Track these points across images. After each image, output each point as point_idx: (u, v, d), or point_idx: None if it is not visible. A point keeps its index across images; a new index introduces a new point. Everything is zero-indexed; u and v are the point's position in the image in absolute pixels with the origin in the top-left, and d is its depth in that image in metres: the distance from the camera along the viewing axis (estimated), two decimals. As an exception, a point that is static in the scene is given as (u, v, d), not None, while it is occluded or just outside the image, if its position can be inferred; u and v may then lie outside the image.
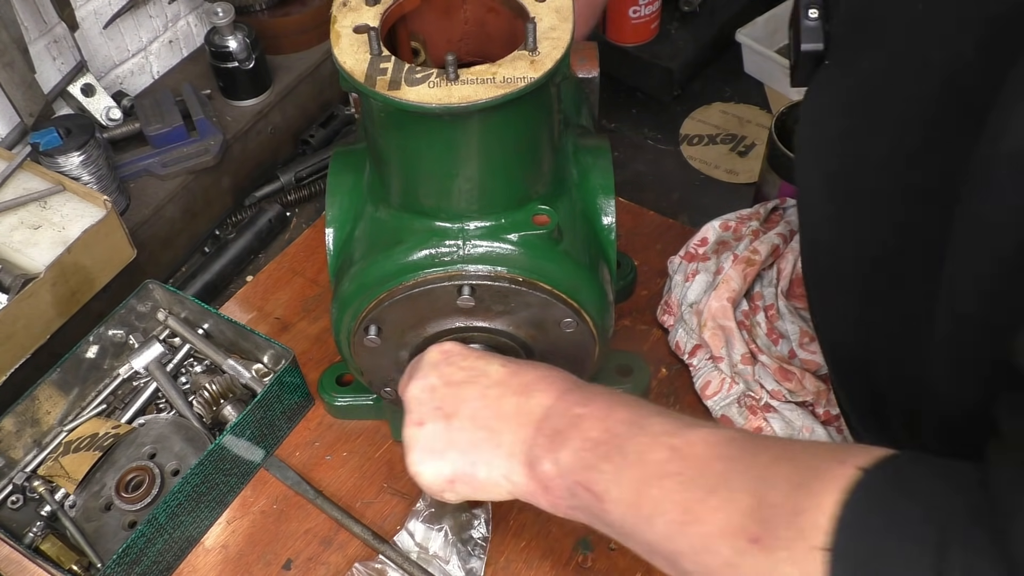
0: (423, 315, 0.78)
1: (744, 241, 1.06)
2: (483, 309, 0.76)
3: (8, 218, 1.04)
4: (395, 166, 0.74)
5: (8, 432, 0.96)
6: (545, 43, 0.65)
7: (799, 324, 1.01)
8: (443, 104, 0.63)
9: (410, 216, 0.76)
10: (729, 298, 1.02)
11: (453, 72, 0.63)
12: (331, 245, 0.83)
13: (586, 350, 0.81)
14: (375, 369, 0.84)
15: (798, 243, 1.06)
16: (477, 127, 0.67)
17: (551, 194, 0.77)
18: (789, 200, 1.12)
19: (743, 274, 1.03)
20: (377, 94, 0.64)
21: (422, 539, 0.91)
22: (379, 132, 0.72)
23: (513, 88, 0.63)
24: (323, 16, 1.40)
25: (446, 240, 0.74)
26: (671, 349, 1.07)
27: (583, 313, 0.77)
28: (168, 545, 0.90)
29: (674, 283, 1.09)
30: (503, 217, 0.74)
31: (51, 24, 1.17)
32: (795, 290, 1.05)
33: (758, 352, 1.00)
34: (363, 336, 0.78)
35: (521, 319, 0.78)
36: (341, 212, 0.82)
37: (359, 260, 0.79)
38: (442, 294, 0.75)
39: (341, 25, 0.69)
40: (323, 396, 1.03)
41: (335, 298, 0.82)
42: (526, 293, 0.75)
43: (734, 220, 1.11)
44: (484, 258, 0.74)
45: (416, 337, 0.80)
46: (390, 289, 0.76)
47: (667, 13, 1.47)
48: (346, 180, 0.82)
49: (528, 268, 0.74)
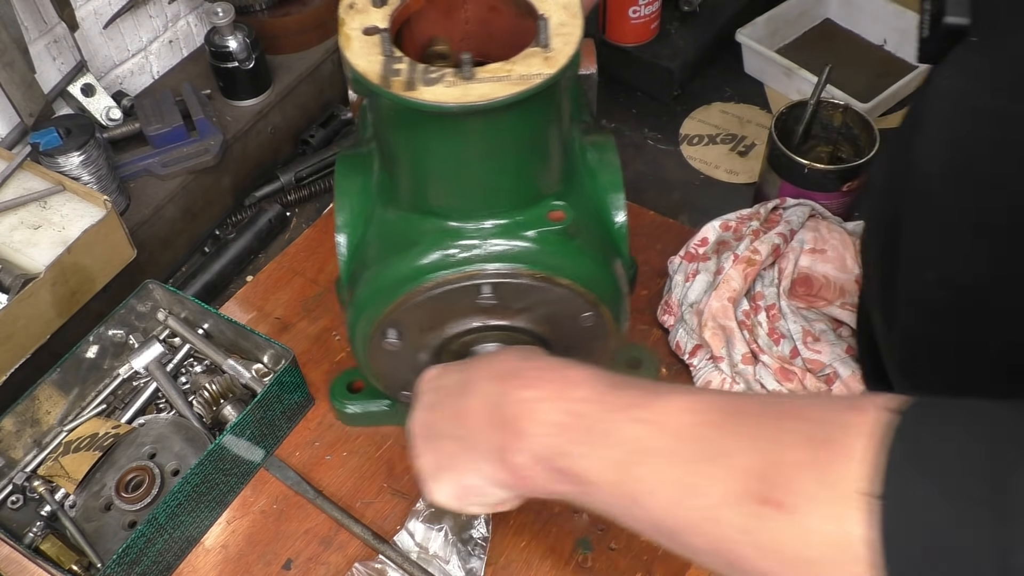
0: (442, 316, 0.78)
1: (744, 241, 1.06)
2: (502, 307, 0.77)
3: (8, 218, 1.04)
4: (409, 167, 0.74)
5: (8, 432, 0.96)
6: (557, 39, 0.66)
7: (801, 324, 1.01)
8: (461, 103, 0.63)
9: (424, 217, 0.75)
10: (730, 298, 1.02)
11: (469, 71, 0.63)
12: (344, 251, 0.82)
13: (603, 342, 0.82)
14: (393, 373, 0.84)
15: (798, 243, 1.06)
16: (494, 125, 0.67)
17: (563, 189, 0.77)
18: (789, 200, 1.12)
19: (743, 274, 1.03)
20: (393, 95, 0.64)
21: (422, 539, 0.91)
22: (393, 134, 0.72)
23: (530, 85, 0.63)
24: (323, 16, 1.40)
25: (463, 240, 0.74)
26: (671, 349, 1.07)
27: (600, 306, 0.78)
28: (168, 545, 0.90)
29: (674, 283, 1.09)
30: (519, 214, 0.75)
31: (51, 24, 1.17)
32: (796, 289, 1.05)
33: (759, 352, 1.00)
34: (382, 340, 0.78)
35: (540, 315, 0.78)
36: (352, 216, 0.81)
37: (374, 264, 0.78)
38: (462, 294, 0.75)
39: (350, 28, 0.68)
40: (335, 404, 1.02)
41: (351, 303, 0.81)
42: (545, 289, 0.75)
43: (734, 220, 1.11)
44: (503, 256, 0.74)
45: (435, 338, 0.80)
46: (409, 291, 0.75)
47: (667, 13, 1.47)
48: (354, 184, 0.82)
49: (547, 264, 0.75)
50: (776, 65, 1.39)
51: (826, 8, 1.53)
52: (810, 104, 1.16)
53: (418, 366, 0.81)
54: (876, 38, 1.49)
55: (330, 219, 1.25)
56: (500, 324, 0.79)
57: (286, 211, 1.31)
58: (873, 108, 1.31)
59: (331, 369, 1.09)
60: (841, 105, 1.17)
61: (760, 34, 1.44)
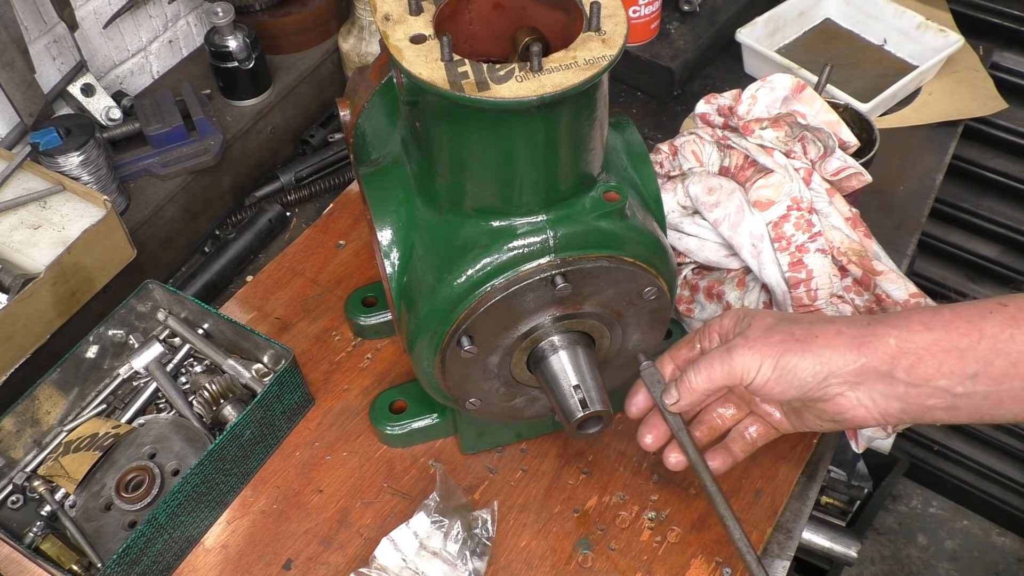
0: (517, 314, 0.77)
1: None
2: (575, 295, 0.77)
3: (8, 218, 1.04)
4: (472, 170, 0.73)
5: (8, 432, 0.96)
6: (607, 22, 0.68)
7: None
8: (540, 95, 0.63)
9: (479, 219, 0.75)
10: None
11: (537, 63, 0.64)
12: (393, 269, 0.81)
13: (664, 314, 0.83)
14: (464, 381, 0.83)
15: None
16: (566, 112, 0.68)
17: (608, 171, 0.79)
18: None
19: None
20: (470, 99, 0.64)
21: (425, 537, 0.91)
22: (454, 139, 0.71)
23: (599, 68, 0.65)
24: (323, 16, 1.40)
25: (531, 234, 0.74)
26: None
27: (659, 279, 0.79)
28: (168, 545, 0.90)
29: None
30: (578, 200, 0.75)
31: (51, 24, 1.17)
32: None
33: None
34: (458, 350, 0.78)
35: (608, 297, 0.79)
36: (396, 233, 0.80)
37: (433, 275, 0.77)
38: (537, 288, 0.75)
39: (396, 39, 0.68)
40: (379, 427, 1.00)
41: (409, 319, 0.80)
42: (615, 270, 0.76)
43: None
44: (572, 244, 0.75)
45: (508, 338, 0.79)
46: (482, 295, 0.75)
47: (667, 13, 1.47)
48: (391, 200, 0.81)
49: (613, 245, 0.76)
50: (776, 65, 1.39)
51: (826, 8, 1.53)
52: (810, 104, 1.16)
53: (489, 370, 0.82)
54: (876, 38, 1.49)
55: (330, 219, 1.26)
56: (573, 312, 0.79)
57: (286, 211, 1.31)
58: (873, 108, 1.31)
59: (331, 369, 1.09)
60: (841, 105, 1.17)
61: (760, 34, 1.44)
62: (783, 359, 0.75)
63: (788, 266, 0.98)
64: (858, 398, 0.74)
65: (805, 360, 0.74)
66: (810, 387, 0.75)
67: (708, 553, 0.92)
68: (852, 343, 0.74)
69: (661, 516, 0.95)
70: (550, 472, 0.99)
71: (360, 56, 1.38)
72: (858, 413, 0.75)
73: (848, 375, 0.74)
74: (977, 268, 1.92)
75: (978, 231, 1.87)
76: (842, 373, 0.74)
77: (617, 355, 0.86)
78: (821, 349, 0.74)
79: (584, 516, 0.95)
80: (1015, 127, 1.67)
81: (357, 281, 1.17)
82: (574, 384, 0.80)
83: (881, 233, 1.07)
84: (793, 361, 0.74)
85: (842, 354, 0.73)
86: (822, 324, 0.76)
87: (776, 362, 0.75)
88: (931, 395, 0.72)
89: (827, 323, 0.77)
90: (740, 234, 1.00)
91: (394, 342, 1.11)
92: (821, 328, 0.76)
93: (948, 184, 1.75)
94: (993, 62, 1.59)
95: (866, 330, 0.74)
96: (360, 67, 0.99)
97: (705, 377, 0.78)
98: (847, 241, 0.99)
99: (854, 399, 0.75)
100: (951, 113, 1.40)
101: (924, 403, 0.73)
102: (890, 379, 0.73)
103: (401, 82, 0.72)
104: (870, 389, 0.74)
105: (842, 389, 0.74)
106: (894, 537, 2.33)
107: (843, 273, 0.99)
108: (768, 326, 0.78)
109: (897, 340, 0.72)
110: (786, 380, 0.75)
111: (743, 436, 0.87)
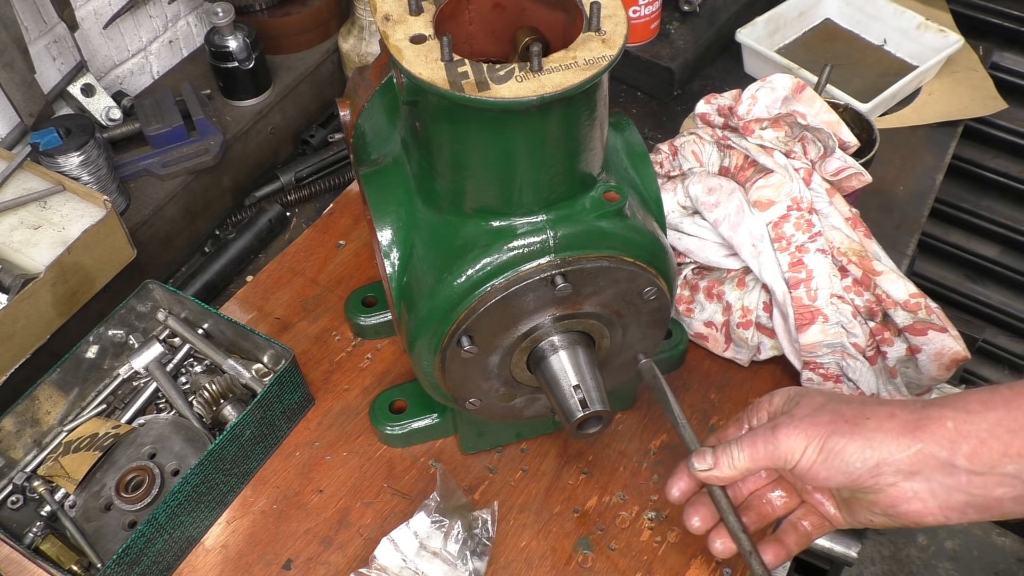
0: (517, 314, 0.78)
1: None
2: (575, 295, 0.77)
3: (8, 218, 1.04)
4: (472, 170, 0.73)
5: (8, 432, 0.96)
6: (607, 22, 0.68)
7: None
8: (540, 95, 0.63)
9: (479, 219, 0.75)
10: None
11: (537, 63, 0.65)
12: (393, 270, 0.81)
13: (664, 314, 0.83)
14: (464, 381, 0.83)
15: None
16: (565, 112, 0.68)
17: (608, 171, 0.78)
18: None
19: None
20: (468, 98, 0.64)
21: (425, 537, 0.91)
22: (454, 139, 0.71)
23: (599, 68, 0.65)
24: (323, 16, 1.40)
25: (531, 234, 0.74)
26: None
27: (659, 279, 0.79)
28: (168, 545, 0.90)
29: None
30: (578, 201, 0.75)
31: (51, 24, 1.17)
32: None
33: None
34: (458, 350, 0.78)
35: (608, 297, 0.79)
36: (396, 233, 0.81)
37: (433, 275, 0.77)
38: (537, 288, 0.75)
39: (396, 39, 0.68)
40: (379, 428, 1.01)
41: (410, 319, 0.80)
42: (615, 269, 0.76)
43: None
44: (572, 244, 0.75)
45: (508, 338, 0.80)
46: (482, 295, 0.75)
47: (667, 13, 1.47)
48: (391, 200, 0.81)
49: (613, 245, 0.76)
50: (776, 65, 1.39)
51: (826, 8, 1.53)
52: (810, 104, 1.16)
53: (488, 370, 0.81)
54: (876, 38, 1.49)
55: (330, 219, 1.26)
56: (572, 312, 0.79)
57: (286, 211, 1.31)
58: (873, 108, 1.31)
59: (331, 369, 1.09)
60: (841, 105, 1.17)
61: (760, 34, 1.44)
62: (830, 441, 0.69)
63: (788, 266, 0.98)
64: (914, 490, 0.67)
65: (854, 443, 0.68)
66: (859, 473, 0.68)
67: (708, 553, 0.92)
68: (906, 427, 0.67)
69: (661, 516, 0.95)
70: (550, 472, 0.99)
71: (360, 56, 1.38)
72: (913, 507, 0.68)
73: (902, 463, 0.67)
74: (977, 268, 1.92)
75: (978, 231, 1.87)
76: (895, 460, 0.67)
77: (617, 355, 0.86)
78: (872, 432, 0.68)
79: (584, 516, 0.95)
80: (1015, 127, 1.67)
81: (357, 281, 1.17)
82: (574, 384, 0.80)
83: (881, 233, 1.07)
84: (841, 444, 0.68)
85: (895, 438, 0.67)
86: (874, 405, 0.71)
87: (823, 444, 0.69)
88: (998, 484, 0.65)
89: (880, 404, 0.71)
90: (740, 234, 1.00)
91: (394, 342, 1.11)
92: (873, 409, 0.70)
93: (948, 184, 1.75)
94: (993, 62, 1.59)
95: (921, 413, 0.68)
96: (360, 67, 0.99)
97: (748, 456, 0.73)
98: (847, 241, 0.99)
99: (909, 490, 0.67)
100: (951, 113, 1.40)
101: (991, 494, 0.65)
102: (950, 467, 0.65)
103: (401, 82, 0.72)
104: (928, 479, 0.66)
105: (896, 479, 0.67)
106: (894, 537, 2.33)
107: (843, 273, 0.99)
108: (817, 405, 0.72)
109: (955, 423, 0.65)
110: (833, 464, 0.69)
111: (796, 528, 0.79)
